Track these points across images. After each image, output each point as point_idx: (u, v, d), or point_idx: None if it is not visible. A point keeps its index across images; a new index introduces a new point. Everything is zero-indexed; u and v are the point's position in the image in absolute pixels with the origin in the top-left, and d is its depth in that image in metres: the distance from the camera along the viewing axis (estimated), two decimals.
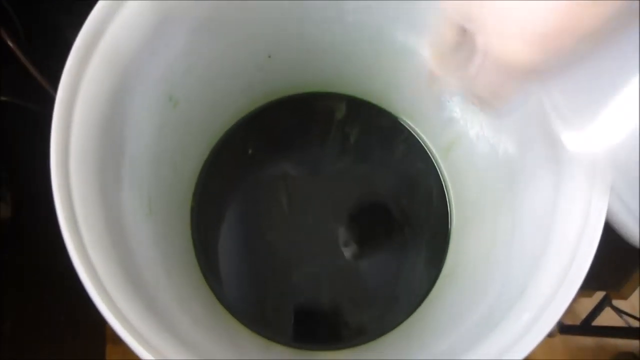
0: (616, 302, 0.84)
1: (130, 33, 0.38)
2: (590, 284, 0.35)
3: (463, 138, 0.55)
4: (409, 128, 0.61)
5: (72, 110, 0.36)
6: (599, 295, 0.86)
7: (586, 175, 0.37)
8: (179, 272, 0.49)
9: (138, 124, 0.43)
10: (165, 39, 0.42)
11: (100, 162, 0.38)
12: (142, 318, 0.36)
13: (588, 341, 1.04)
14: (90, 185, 0.37)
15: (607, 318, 0.86)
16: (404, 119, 0.61)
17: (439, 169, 0.60)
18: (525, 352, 0.35)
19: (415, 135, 0.61)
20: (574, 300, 0.35)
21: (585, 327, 0.88)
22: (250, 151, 0.60)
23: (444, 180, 0.60)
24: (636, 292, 0.75)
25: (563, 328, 0.89)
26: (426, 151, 0.61)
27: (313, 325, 0.57)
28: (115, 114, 0.39)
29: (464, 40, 0.32)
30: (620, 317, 0.89)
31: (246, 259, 0.58)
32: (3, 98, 0.58)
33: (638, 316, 0.88)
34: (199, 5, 0.42)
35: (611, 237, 0.36)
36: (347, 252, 0.58)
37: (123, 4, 0.37)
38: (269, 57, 0.54)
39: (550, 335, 0.36)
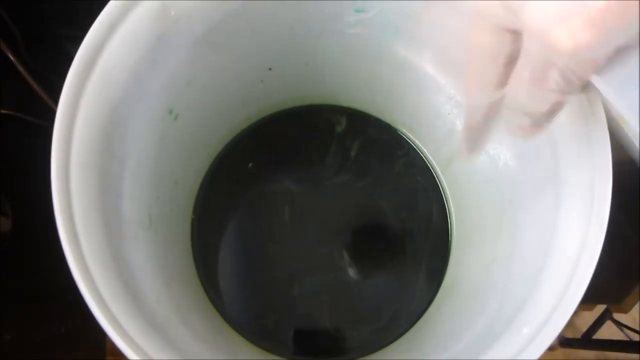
0: (617, 316, 0.84)
1: (131, 47, 0.39)
2: (591, 298, 0.35)
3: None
4: (409, 141, 0.61)
5: (72, 124, 0.36)
6: (600, 308, 0.85)
7: (587, 189, 0.37)
8: (178, 285, 0.49)
9: (138, 137, 0.43)
10: (166, 53, 0.42)
11: (101, 175, 0.38)
12: (141, 330, 0.36)
13: (589, 355, 1.04)
14: (91, 198, 0.37)
15: (608, 332, 0.86)
16: (405, 132, 0.61)
17: (440, 182, 0.60)
18: None
19: (416, 149, 0.61)
20: (575, 314, 0.35)
21: (586, 341, 0.88)
22: (250, 164, 0.61)
23: (444, 194, 0.60)
24: (637, 306, 0.75)
25: (564, 341, 0.89)
26: (427, 164, 0.61)
27: (313, 338, 0.56)
28: (116, 128, 0.40)
29: (502, 46, 0.28)
30: (621, 330, 0.88)
31: (246, 272, 0.57)
32: (3, 110, 0.58)
33: (639, 330, 0.87)
34: (199, 20, 0.42)
35: (612, 250, 0.36)
36: (348, 266, 0.58)
37: (123, 18, 0.38)
38: (270, 69, 0.54)
39: (551, 348, 0.36)
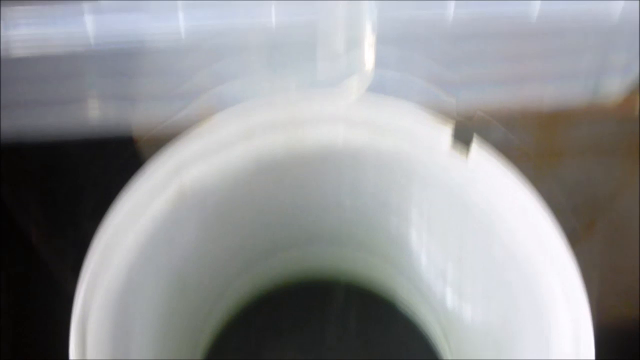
0: None
1: (150, 233, 0.41)
2: None
3: (457, 322, 0.55)
4: (406, 314, 0.62)
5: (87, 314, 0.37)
6: None
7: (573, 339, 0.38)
8: None
9: (146, 313, 0.44)
10: (177, 231, 0.44)
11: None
12: None
13: None
14: None
15: None
16: (403, 305, 0.62)
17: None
18: None
19: (413, 322, 0.61)
20: None
21: None
22: (253, 339, 0.61)
23: None
24: None
25: None
26: (426, 338, 0.61)
27: None
28: (126, 310, 0.40)
29: None
30: None
31: None
32: None
33: None
34: (211, 196, 0.44)
35: None
36: None
37: (146, 209, 0.40)
38: (274, 245, 0.56)
39: None
